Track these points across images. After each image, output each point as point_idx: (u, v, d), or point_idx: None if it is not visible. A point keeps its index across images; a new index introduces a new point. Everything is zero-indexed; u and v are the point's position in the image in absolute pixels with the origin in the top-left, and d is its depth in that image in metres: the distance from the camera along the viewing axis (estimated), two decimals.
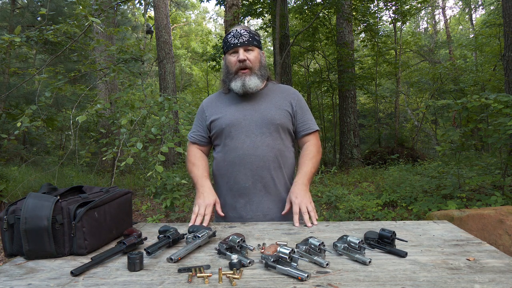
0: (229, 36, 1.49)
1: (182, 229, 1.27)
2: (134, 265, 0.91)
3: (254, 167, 1.46)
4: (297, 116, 1.56)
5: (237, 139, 1.48)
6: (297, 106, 1.56)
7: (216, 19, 31.29)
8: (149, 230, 1.30)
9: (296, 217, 1.33)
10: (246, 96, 1.53)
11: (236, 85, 1.48)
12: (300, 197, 1.37)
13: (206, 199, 1.40)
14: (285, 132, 1.53)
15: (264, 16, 9.95)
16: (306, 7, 9.89)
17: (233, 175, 1.48)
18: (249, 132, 1.48)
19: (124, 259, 0.99)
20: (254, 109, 1.51)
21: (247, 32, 1.49)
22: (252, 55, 1.49)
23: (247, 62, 1.47)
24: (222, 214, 1.44)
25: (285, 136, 1.54)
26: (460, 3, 20.46)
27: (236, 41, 1.47)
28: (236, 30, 1.49)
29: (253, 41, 1.49)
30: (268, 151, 1.47)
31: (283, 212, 1.42)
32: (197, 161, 1.57)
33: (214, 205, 1.43)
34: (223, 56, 1.59)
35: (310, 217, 1.34)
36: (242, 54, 1.46)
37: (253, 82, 1.48)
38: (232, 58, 1.49)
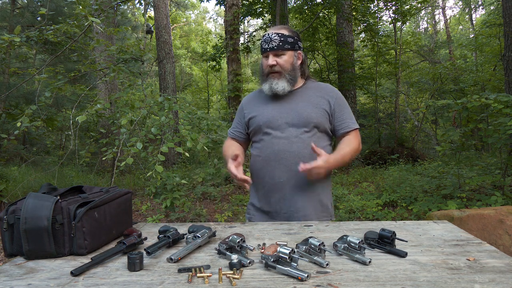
0: (262, 40, 1.56)
1: (182, 229, 1.27)
2: (134, 265, 0.91)
3: (288, 163, 1.49)
4: (335, 114, 1.57)
5: (273, 135, 1.53)
6: (335, 104, 1.57)
7: (216, 19, 31.32)
8: (149, 230, 1.30)
9: (307, 166, 1.32)
10: (284, 94, 1.58)
11: (265, 87, 1.57)
12: (326, 165, 1.35)
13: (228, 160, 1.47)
14: (321, 131, 1.55)
15: (264, 16, 9.96)
16: (306, 7, 9.89)
17: (268, 170, 1.52)
18: (285, 129, 1.52)
19: (124, 259, 0.99)
20: (291, 108, 1.55)
21: (278, 36, 1.51)
22: (282, 59, 1.53)
23: (277, 67, 1.53)
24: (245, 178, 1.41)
25: (321, 134, 1.56)
26: (460, 3, 20.47)
27: (266, 46, 1.53)
28: (268, 34, 1.53)
29: (284, 45, 1.52)
30: (303, 148, 1.49)
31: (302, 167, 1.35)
32: (229, 147, 1.65)
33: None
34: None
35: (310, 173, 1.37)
36: (271, 59, 1.52)
37: (280, 85, 1.53)
38: (265, 62, 1.56)
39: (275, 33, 1.53)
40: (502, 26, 6.46)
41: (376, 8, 10.45)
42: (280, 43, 1.52)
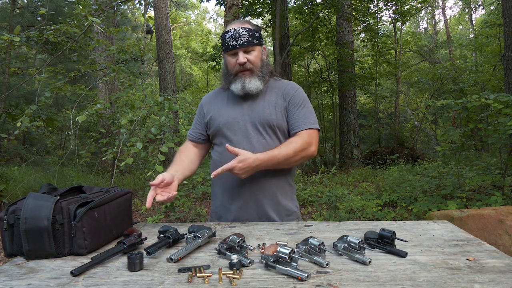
0: (227, 36, 1.40)
1: (182, 229, 1.27)
2: (134, 265, 0.91)
3: None
4: (288, 113, 1.46)
5: (232, 139, 1.43)
6: (290, 102, 1.46)
7: (216, 19, 31.32)
8: (149, 230, 1.30)
9: (218, 171, 1.25)
10: (252, 94, 1.47)
11: (236, 87, 1.43)
12: (244, 164, 1.26)
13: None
14: (282, 133, 1.47)
15: (264, 16, 9.95)
16: (306, 7, 9.89)
17: (229, 176, 1.40)
18: (246, 132, 1.43)
19: (124, 259, 0.99)
20: (252, 108, 1.45)
21: (246, 31, 1.39)
22: (252, 56, 1.42)
23: (248, 64, 1.41)
24: (154, 183, 1.25)
25: (283, 137, 1.47)
26: (460, 3, 20.47)
27: (235, 42, 1.38)
28: (234, 29, 1.39)
29: (253, 40, 1.40)
30: None
31: (214, 173, 1.27)
32: (177, 158, 1.52)
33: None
34: (222, 53, 1.52)
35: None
36: (242, 57, 1.39)
37: (254, 84, 1.42)
38: (232, 60, 1.43)
39: (242, 27, 1.39)
40: (502, 26, 6.46)
41: (376, 8, 10.46)
42: (249, 39, 1.39)
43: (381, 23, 11.59)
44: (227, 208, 1.47)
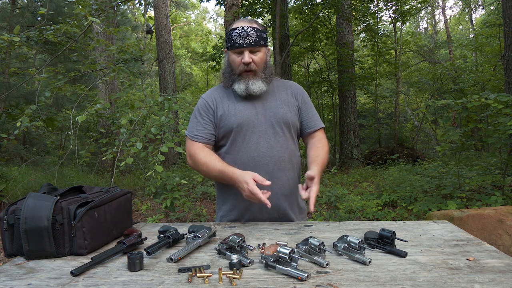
0: (235, 33, 1.37)
1: (182, 229, 1.27)
2: (134, 265, 0.91)
3: (270, 169, 1.39)
4: (301, 111, 1.51)
5: (250, 139, 1.41)
6: (302, 101, 1.52)
7: (216, 19, 31.31)
8: (149, 230, 1.30)
9: (314, 203, 1.23)
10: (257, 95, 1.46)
11: (239, 87, 1.42)
12: (316, 183, 1.26)
13: (246, 178, 1.25)
14: (295, 131, 1.49)
15: (264, 16, 9.95)
16: (306, 7, 9.89)
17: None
18: (262, 132, 1.42)
19: (124, 259, 0.99)
20: (264, 107, 1.45)
21: (254, 30, 1.38)
22: (258, 57, 1.40)
23: (252, 65, 1.40)
24: (268, 183, 1.24)
25: (295, 135, 1.50)
26: (460, 3, 20.47)
27: (242, 41, 1.36)
28: (243, 27, 1.37)
29: (260, 41, 1.39)
30: (282, 152, 1.42)
31: (304, 196, 1.25)
32: (213, 160, 1.38)
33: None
34: (225, 50, 1.49)
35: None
36: (247, 56, 1.38)
37: (257, 86, 1.41)
38: (237, 58, 1.41)
39: (250, 27, 1.38)
40: (502, 26, 6.46)
41: (376, 8, 10.45)
42: (257, 39, 1.38)
43: (381, 23, 11.59)
44: (245, 209, 1.44)
